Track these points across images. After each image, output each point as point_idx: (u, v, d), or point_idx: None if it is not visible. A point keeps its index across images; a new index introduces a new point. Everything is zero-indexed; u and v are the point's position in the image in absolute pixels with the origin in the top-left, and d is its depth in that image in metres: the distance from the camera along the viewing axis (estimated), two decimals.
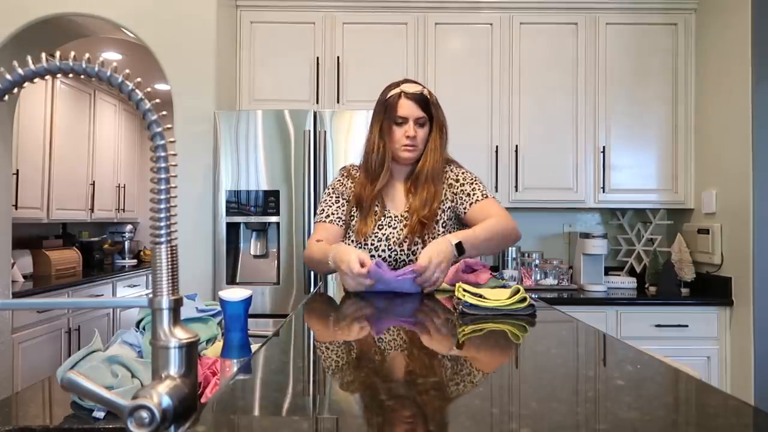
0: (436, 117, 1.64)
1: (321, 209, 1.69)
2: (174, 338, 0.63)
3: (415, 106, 1.60)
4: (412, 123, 1.61)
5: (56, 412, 0.91)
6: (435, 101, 1.65)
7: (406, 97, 1.60)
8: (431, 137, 1.64)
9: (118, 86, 0.62)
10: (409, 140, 1.60)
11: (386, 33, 3.06)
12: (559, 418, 0.50)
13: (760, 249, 2.61)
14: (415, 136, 1.60)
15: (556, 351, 0.81)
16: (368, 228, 1.59)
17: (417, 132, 1.61)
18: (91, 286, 3.98)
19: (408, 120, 1.61)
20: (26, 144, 3.75)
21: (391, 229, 1.60)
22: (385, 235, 1.59)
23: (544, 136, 3.07)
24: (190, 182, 2.72)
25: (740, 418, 0.50)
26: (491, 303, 1.08)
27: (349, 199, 1.67)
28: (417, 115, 1.61)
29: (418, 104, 1.61)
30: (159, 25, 2.76)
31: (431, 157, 1.63)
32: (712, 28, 2.94)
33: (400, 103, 1.60)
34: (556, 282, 3.09)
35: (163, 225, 0.63)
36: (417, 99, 1.60)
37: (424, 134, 1.63)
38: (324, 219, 1.67)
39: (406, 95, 1.60)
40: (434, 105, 1.64)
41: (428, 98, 1.62)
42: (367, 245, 1.59)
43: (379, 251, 1.59)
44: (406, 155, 1.62)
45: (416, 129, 1.61)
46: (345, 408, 0.55)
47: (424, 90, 1.63)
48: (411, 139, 1.60)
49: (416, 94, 1.61)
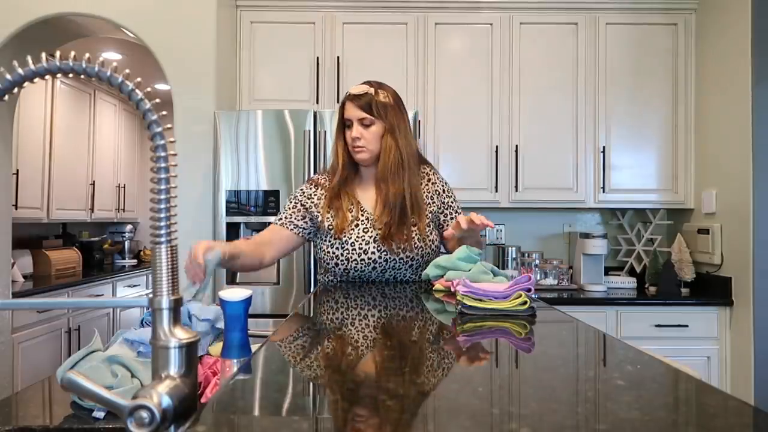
0: (386, 117, 1.62)
1: (280, 212, 1.73)
2: (174, 338, 0.63)
3: (356, 108, 1.60)
4: (356, 124, 1.61)
5: (56, 412, 0.91)
6: (382, 101, 1.62)
7: (349, 99, 1.62)
8: (383, 138, 1.63)
9: (118, 86, 0.62)
10: (354, 141, 1.62)
11: (386, 33, 3.06)
12: (559, 418, 0.50)
13: (760, 249, 2.61)
14: (359, 137, 1.61)
15: (556, 351, 0.81)
16: (343, 222, 1.61)
17: (362, 133, 1.61)
18: (91, 286, 3.98)
19: (352, 122, 1.62)
20: (26, 144, 3.75)
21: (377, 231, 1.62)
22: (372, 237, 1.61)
23: (544, 136, 3.07)
24: (190, 182, 2.72)
25: (740, 418, 0.50)
26: (491, 304, 1.08)
27: (308, 206, 1.67)
28: (359, 116, 1.61)
29: (360, 106, 1.60)
30: (159, 25, 2.76)
31: (383, 158, 1.63)
32: (712, 28, 2.94)
33: (346, 105, 1.64)
34: (556, 282, 3.09)
35: (163, 225, 0.63)
36: (359, 100, 1.61)
37: (371, 135, 1.62)
38: (277, 221, 1.69)
39: (350, 97, 1.62)
40: (380, 105, 1.61)
41: (372, 98, 1.61)
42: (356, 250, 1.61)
43: (368, 254, 1.60)
44: (357, 156, 1.64)
45: (361, 130, 1.61)
46: (345, 408, 0.55)
47: (370, 90, 1.61)
48: (355, 140, 1.61)
49: (359, 96, 1.61)
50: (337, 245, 1.62)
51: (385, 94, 1.63)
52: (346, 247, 1.61)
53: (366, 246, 1.60)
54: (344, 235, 1.61)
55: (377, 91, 1.62)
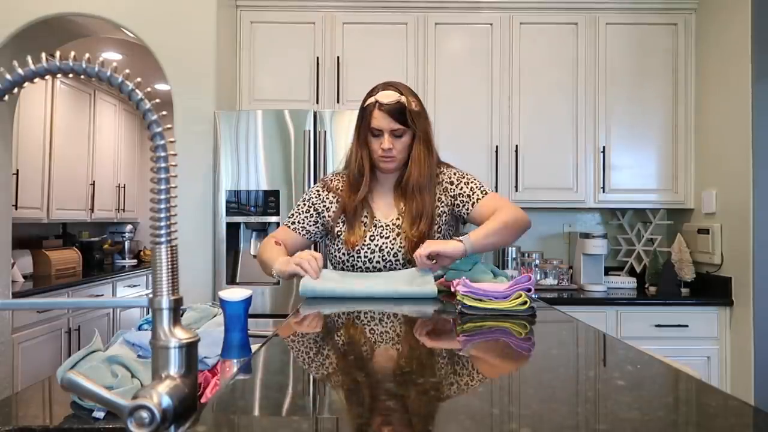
0: (419, 127, 1.57)
1: (291, 214, 1.70)
2: (174, 338, 0.63)
3: (389, 118, 1.53)
4: (387, 135, 1.55)
5: (56, 412, 0.91)
6: (415, 109, 1.56)
7: (380, 108, 1.53)
8: (414, 147, 1.58)
9: (118, 86, 0.62)
10: (384, 152, 1.56)
11: (386, 33, 3.06)
12: (559, 419, 0.50)
13: (760, 249, 2.61)
14: (391, 148, 1.55)
15: (556, 351, 0.81)
16: (356, 238, 1.56)
17: (393, 144, 1.55)
18: (91, 286, 3.98)
19: (383, 132, 1.55)
20: (26, 144, 3.75)
21: (384, 239, 1.57)
22: (378, 246, 1.57)
23: (544, 136, 3.07)
24: (190, 182, 2.72)
25: (740, 418, 0.50)
26: (491, 304, 1.08)
27: (321, 212, 1.65)
28: (392, 127, 1.54)
29: (393, 116, 1.53)
30: (159, 25, 2.76)
31: (416, 167, 1.57)
32: (712, 28, 2.94)
33: (375, 114, 1.54)
34: (556, 282, 3.09)
35: (163, 225, 0.63)
36: (392, 110, 1.53)
37: (402, 145, 1.57)
38: (289, 224, 1.66)
39: (381, 106, 1.53)
40: (413, 114, 1.55)
41: (405, 108, 1.54)
42: (360, 257, 1.57)
43: (373, 263, 1.57)
44: (384, 166, 1.59)
45: (392, 141, 1.55)
46: (344, 408, 0.55)
47: (402, 98, 1.54)
48: (386, 151, 1.55)
49: (391, 105, 1.53)
50: (344, 251, 1.60)
51: (415, 102, 1.57)
52: (352, 254, 1.59)
53: (372, 255, 1.57)
54: (356, 248, 1.58)
55: (408, 99, 1.56)
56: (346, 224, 1.60)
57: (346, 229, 1.59)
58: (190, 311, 1.23)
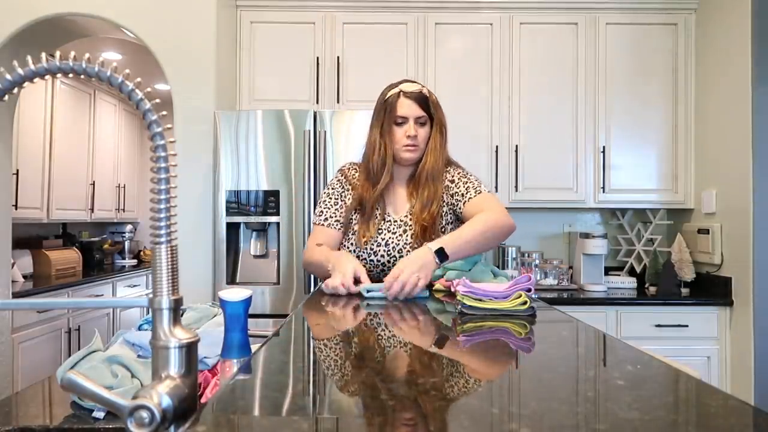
0: (437, 116, 1.63)
1: (320, 210, 1.67)
2: (174, 338, 0.63)
3: (415, 105, 1.59)
4: (413, 122, 1.59)
5: (56, 412, 0.91)
6: (435, 100, 1.63)
7: (406, 96, 1.59)
8: (432, 137, 1.63)
9: (118, 86, 0.62)
10: (410, 140, 1.58)
11: (386, 33, 3.06)
12: (559, 418, 0.50)
13: (760, 249, 2.61)
14: (416, 135, 1.59)
15: (556, 351, 0.81)
16: (371, 232, 1.58)
17: (418, 131, 1.60)
18: (91, 286, 3.98)
19: (408, 119, 1.59)
20: (26, 144, 3.75)
21: (390, 234, 1.59)
22: (384, 241, 1.58)
23: (544, 136, 3.07)
24: (190, 182, 2.72)
25: (740, 418, 0.50)
26: (491, 304, 1.08)
27: (348, 201, 1.65)
28: (417, 114, 1.59)
29: (418, 103, 1.59)
30: (159, 26, 2.76)
31: (432, 156, 1.61)
32: (712, 28, 2.94)
33: (400, 102, 1.59)
34: (556, 282, 3.09)
35: (163, 225, 0.63)
36: (416, 98, 1.59)
37: (425, 134, 1.62)
38: (323, 222, 1.65)
39: (405, 94, 1.59)
40: (434, 104, 1.62)
41: (428, 97, 1.61)
42: (366, 250, 1.58)
43: (378, 256, 1.58)
44: (408, 155, 1.61)
45: (417, 128, 1.60)
46: (345, 408, 0.55)
47: (423, 89, 1.62)
48: (412, 138, 1.58)
49: (415, 93, 1.59)
50: (353, 241, 1.61)
51: (433, 95, 1.64)
52: (363, 248, 1.59)
53: (377, 248, 1.58)
54: (367, 245, 1.58)
55: (428, 90, 1.63)
56: (360, 219, 1.61)
57: (360, 223, 1.60)
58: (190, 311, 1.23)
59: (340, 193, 1.67)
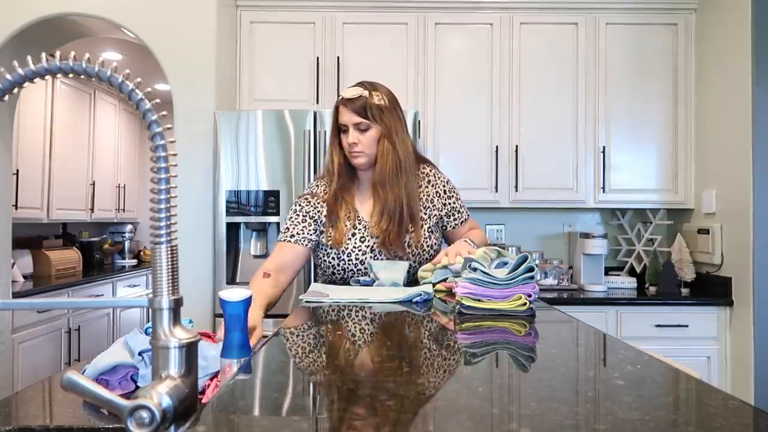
0: (383, 121, 1.57)
1: (285, 227, 1.63)
2: (174, 338, 0.63)
3: (351, 113, 1.55)
4: (352, 129, 1.56)
5: (56, 412, 0.91)
6: (376, 104, 1.56)
7: (342, 103, 1.57)
8: (380, 142, 1.58)
9: (118, 86, 0.62)
10: (351, 147, 1.57)
11: (386, 33, 3.06)
12: (559, 418, 0.50)
13: (760, 249, 2.61)
14: (356, 142, 1.56)
15: (556, 351, 0.81)
16: (341, 235, 1.58)
17: (359, 138, 1.56)
18: (91, 286, 3.98)
19: (348, 126, 1.57)
20: (26, 144, 3.75)
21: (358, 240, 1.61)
22: (366, 245, 1.60)
23: (544, 136, 3.07)
24: (190, 182, 2.72)
25: (740, 418, 0.50)
26: (490, 305, 1.08)
27: (317, 218, 1.63)
28: (355, 121, 1.55)
29: (355, 111, 1.55)
30: (159, 26, 2.76)
31: (378, 164, 1.58)
32: (712, 28, 2.94)
33: (340, 110, 1.58)
34: (556, 282, 3.09)
35: (163, 225, 0.63)
36: (353, 105, 1.55)
37: (368, 139, 1.57)
38: (288, 239, 1.60)
39: (343, 101, 1.57)
40: (374, 108, 1.55)
41: (367, 101, 1.55)
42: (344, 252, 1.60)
43: (352, 257, 1.60)
44: (355, 161, 1.60)
45: (357, 135, 1.56)
46: (344, 407, 0.55)
47: (364, 93, 1.56)
48: (352, 146, 1.57)
49: (353, 100, 1.55)
50: (334, 255, 1.61)
51: (379, 96, 1.57)
52: (343, 258, 1.60)
53: (363, 256, 1.59)
54: (342, 246, 1.59)
55: (371, 93, 1.57)
56: (331, 221, 1.62)
57: (332, 226, 1.61)
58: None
59: (307, 211, 1.63)
